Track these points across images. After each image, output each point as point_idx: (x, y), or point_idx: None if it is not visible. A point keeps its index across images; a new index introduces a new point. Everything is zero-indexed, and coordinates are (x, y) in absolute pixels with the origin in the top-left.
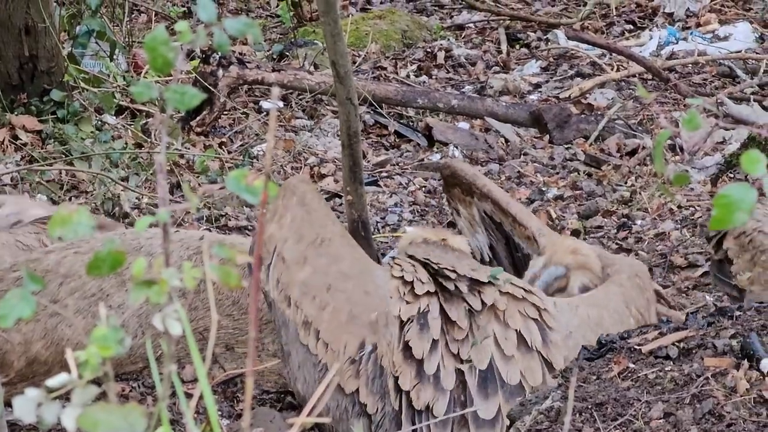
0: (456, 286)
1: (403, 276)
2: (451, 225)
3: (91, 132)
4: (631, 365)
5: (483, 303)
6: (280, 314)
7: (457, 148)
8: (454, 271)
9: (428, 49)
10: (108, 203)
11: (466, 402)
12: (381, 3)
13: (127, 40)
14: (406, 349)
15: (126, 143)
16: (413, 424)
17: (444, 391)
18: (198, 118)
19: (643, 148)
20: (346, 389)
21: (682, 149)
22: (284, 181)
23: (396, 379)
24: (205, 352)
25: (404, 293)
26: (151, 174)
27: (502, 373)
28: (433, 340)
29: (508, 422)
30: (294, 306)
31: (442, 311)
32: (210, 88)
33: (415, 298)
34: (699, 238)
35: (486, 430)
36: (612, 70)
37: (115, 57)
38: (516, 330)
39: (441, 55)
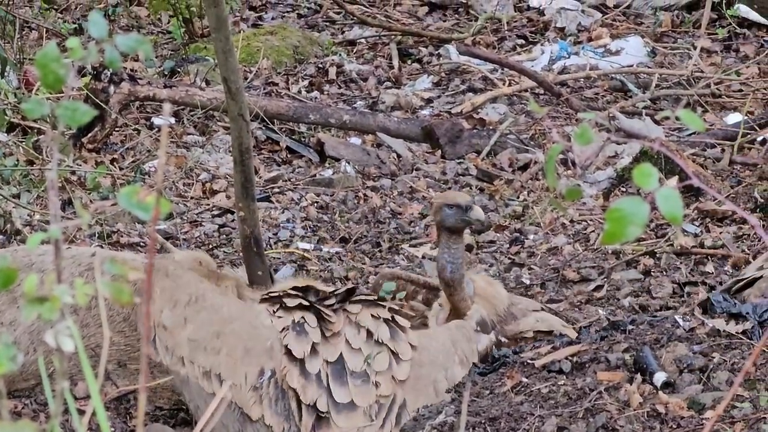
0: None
1: (269, 297)
2: (343, 240)
3: None
4: (525, 379)
5: (335, 310)
6: (177, 375)
7: (349, 163)
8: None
9: (320, 65)
10: None
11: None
12: (272, 19)
13: (18, 56)
14: (288, 352)
15: (17, 160)
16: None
17: (327, 390)
18: (89, 134)
19: (535, 162)
20: (253, 416)
21: (574, 163)
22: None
23: (296, 394)
24: (98, 369)
25: (274, 311)
26: (43, 191)
27: (348, 362)
28: (314, 343)
29: (365, 404)
30: (188, 363)
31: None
32: (101, 104)
33: (287, 312)
34: (592, 253)
35: (344, 412)
36: (504, 84)
37: (6, 74)
38: (365, 328)
39: (333, 71)
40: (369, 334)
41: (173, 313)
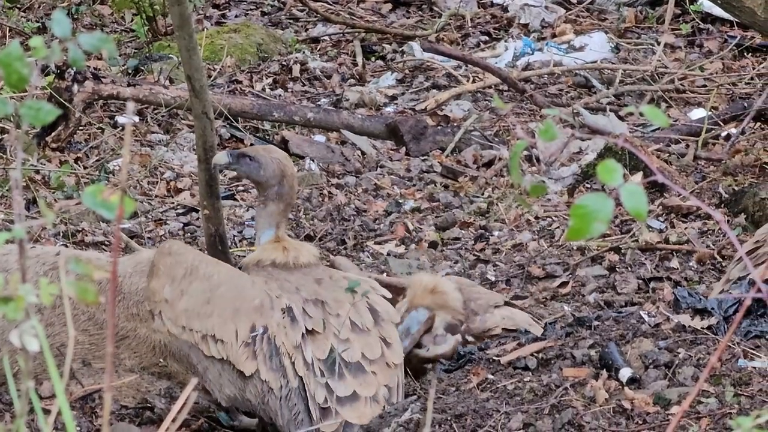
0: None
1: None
2: (308, 238)
3: None
4: (490, 376)
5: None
6: (184, 343)
7: (313, 161)
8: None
9: (283, 62)
10: None
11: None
12: (236, 17)
13: None
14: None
15: None
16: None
17: (320, 380)
18: (53, 133)
19: (500, 159)
20: (246, 371)
21: (538, 160)
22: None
23: (290, 357)
24: (63, 368)
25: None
26: (7, 190)
27: (344, 355)
28: (303, 333)
29: (368, 394)
30: (188, 330)
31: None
32: (65, 103)
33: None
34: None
35: (348, 404)
36: (468, 81)
37: None
38: (348, 317)
39: (296, 68)
40: (353, 324)
41: (172, 288)
